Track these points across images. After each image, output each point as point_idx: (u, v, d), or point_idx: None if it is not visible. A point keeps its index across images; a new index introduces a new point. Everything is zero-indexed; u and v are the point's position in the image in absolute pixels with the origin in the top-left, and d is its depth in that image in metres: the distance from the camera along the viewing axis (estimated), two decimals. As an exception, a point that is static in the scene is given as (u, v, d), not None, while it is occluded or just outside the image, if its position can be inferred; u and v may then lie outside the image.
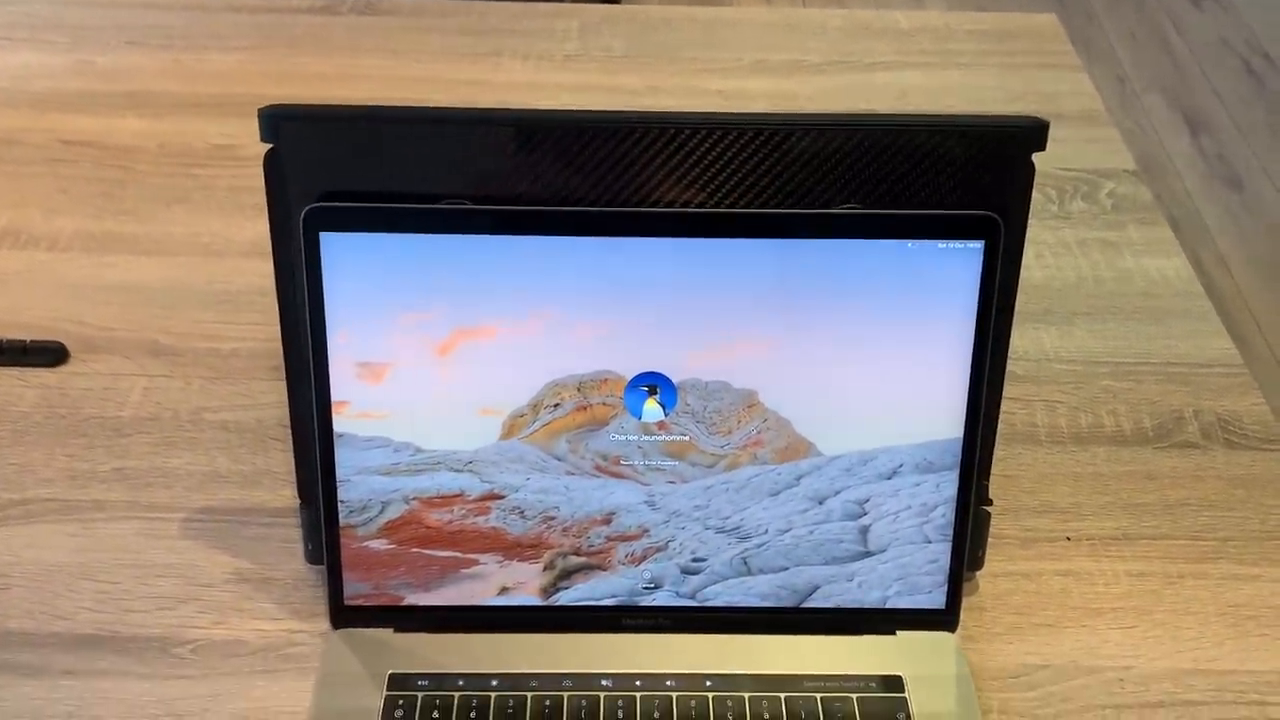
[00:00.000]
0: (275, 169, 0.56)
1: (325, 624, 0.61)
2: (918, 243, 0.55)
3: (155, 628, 0.61)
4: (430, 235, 0.55)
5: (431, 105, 0.57)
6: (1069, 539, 0.68)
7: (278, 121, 0.55)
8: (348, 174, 0.55)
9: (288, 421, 0.62)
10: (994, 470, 0.64)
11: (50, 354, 0.77)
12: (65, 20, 1.12)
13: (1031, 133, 0.56)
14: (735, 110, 1.04)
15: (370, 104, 0.57)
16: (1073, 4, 3.01)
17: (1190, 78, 2.69)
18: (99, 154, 0.96)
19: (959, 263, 0.56)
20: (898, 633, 0.61)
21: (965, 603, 0.63)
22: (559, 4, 1.23)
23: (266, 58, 1.08)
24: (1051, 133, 0.57)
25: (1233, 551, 0.67)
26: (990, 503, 0.62)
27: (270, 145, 0.55)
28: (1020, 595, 0.64)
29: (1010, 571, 0.65)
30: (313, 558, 0.63)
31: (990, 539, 0.64)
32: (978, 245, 0.55)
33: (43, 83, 1.04)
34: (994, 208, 0.55)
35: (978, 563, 0.64)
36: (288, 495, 0.67)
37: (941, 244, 0.55)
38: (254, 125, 0.55)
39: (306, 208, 0.54)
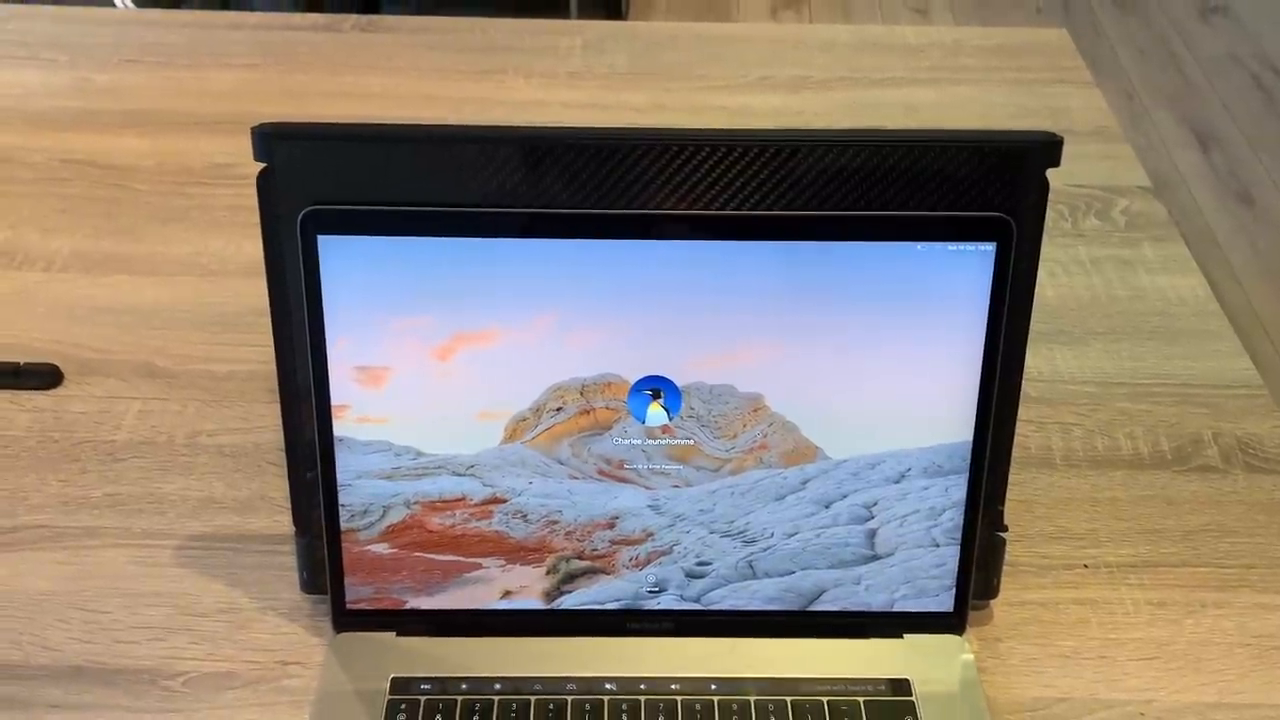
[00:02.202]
0: (269, 188, 0.54)
1: (321, 656, 0.59)
2: (928, 245, 0.54)
3: (146, 659, 0.60)
4: (430, 239, 0.54)
5: (429, 123, 0.56)
6: (1086, 566, 0.66)
7: (271, 140, 0.54)
8: (343, 193, 0.54)
9: (284, 445, 0.60)
10: (1008, 495, 0.62)
11: (44, 376, 0.75)
12: (64, 38, 1.11)
13: (1045, 148, 0.55)
14: (741, 126, 1.02)
15: (367, 122, 0.56)
16: (1079, 19, 3.00)
17: (1199, 92, 2.68)
18: (97, 173, 0.95)
19: (970, 265, 0.55)
20: (905, 636, 0.60)
21: (980, 633, 0.61)
22: (563, 20, 1.22)
23: (267, 75, 1.07)
24: (1064, 149, 0.55)
25: (1256, 580, 0.65)
26: (1005, 529, 0.61)
27: (264, 164, 0.54)
28: (1036, 625, 0.62)
29: (1026, 600, 0.64)
30: (308, 587, 0.61)
31: (1005, 566, 0.62)
32: (989, 247, 0.54)
33: (41, 101, 1.03)
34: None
35: (992, 591, 0.62)
36: (284, 522, 0.66)
37: (953, 246, 0.54)
38: (252, 144, 0.54)
39: (304, 210, 0.53)
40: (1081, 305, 0.84)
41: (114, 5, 1.71)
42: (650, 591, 0.59)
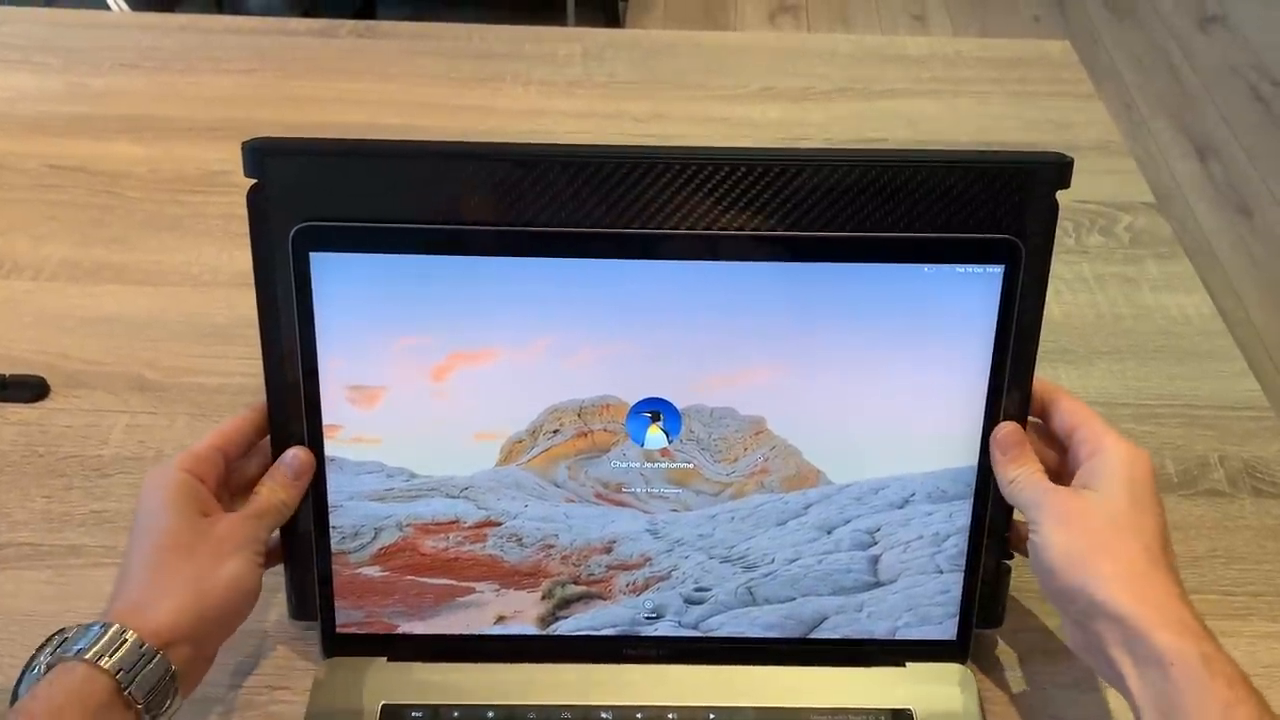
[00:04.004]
0: (260, 204, 0.53)
1: (310, 681, 0.58)
2: (935, 267, 0.53)
3: (131, 683, 0.58)
4: (425, 257, 0.53)
5: (424, 139, 0.55)
6: (1091, 592, 0.64)
7: (262, 156, 0.52)
8: (336, 209, 0.53)
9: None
10: (1012, 519, 0.61)
11: (30, 389, 0.74)
12: (58, 42, 1.10)
13: (1055, 169, 0.54)
14: (744, 138, 1.01)
15: (360, 138, 0.54)
16: (1077, 27, 3.00)
17: (1198, 104, 2.68)
18: (89, 179, 0.93)
19: (978, 288, 0.54)
20: (907, 664, 0.58)
21: (983, 661, 0.60)
22: (562, 28, 1.21)
23: (263, 81, 1.06)
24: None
25: (1264, 608, 0.64)
26: (1011, 556, 0.59)
27: (255, 180, 0.53)
28: (1040, 654, 0.61)
29: (1029, 627, 0.62)
30: (297, 613, 0.60)
31: (1009, 593, 0.61)
32: (997, 270, 0.53)
33: (33, 105, 1.02)
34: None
35: (997, 619, 0.61)
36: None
37: (960, 268, 0.53)
38: (248, 151, 0.53)
39: (296, 226, 0.52)
40: (1085, 324, 0.83)
41: (108, 8, 1.70)
42: (647, 618, 0.58)
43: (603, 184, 0.53)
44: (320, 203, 0.53)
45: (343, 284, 0.53)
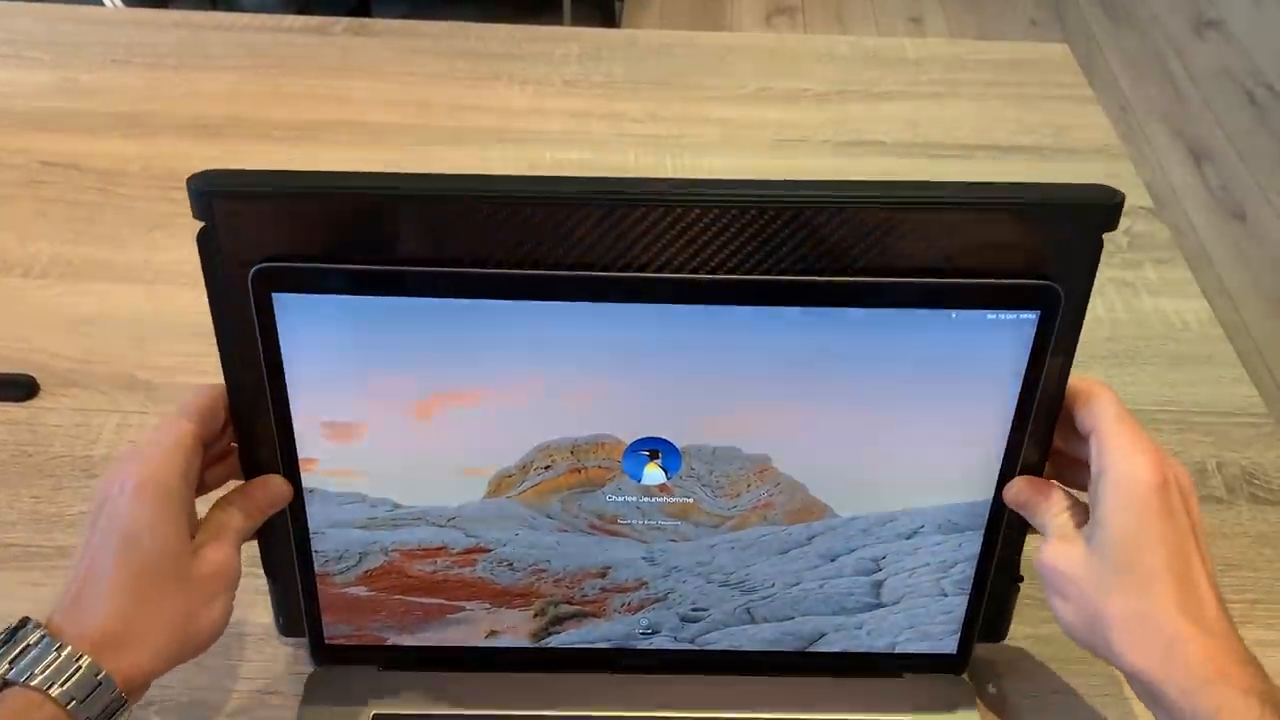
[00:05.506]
0: (211, 247, 0.47)
1: (301, 686, 0.57)
2: (963, 312, 0.48)
3: (119, 687, 0.57)
4: (398, 299, 0.47)
5: (390, 173, 0.48)
6: (1089, 600, 0.64)
7: (209, 199, 0.46)
8: (296, 247, 0.47)
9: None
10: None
11: (19, 388, 0.73)
12: (49, 37, 1.09)
13: (1103, 211, 0.48)
14: (741, 139, 1.01)
15: (319, 170, 0.47)
16: (1074, 31, 3.00)
17: (1193, 107, 2.68)
18: (80, 176, 0.92)
19: (1009, 335, 0.49)
20: (905, 675, 0.58)
21: (980, 671, 0.60)
22: (559, 28, 1.21)
23: (255, 78, 1.05)
24: (1065, 167, 0.53)
25: (1261, 615, 0.64)
26: (1021, 579, 0.58)
27: (203, 223, 0.47)
28: (1038, 662, 0.61)
29: (1028, 635, 0.62)
30: (284, 630, 0.59)
31: (1007, 601, 0.60)
32: (1032, 315, 0.48)
33: (24, 101, 1.01)
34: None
35: (1000, 634, 0.60)
36: (265, 543, 0.64)
37: (991, 314, 0.48)
38: (242, 147, 0.51)
39: (255, 267, 0.46)
40: (1084, 329, 0.82)
41: (101, 3, 1.69)
42: (642, 633, 0.57)
43: (597, 224, 0.47)
44: (280, 240, 0.47)
45: (310, 325, 0.48)
